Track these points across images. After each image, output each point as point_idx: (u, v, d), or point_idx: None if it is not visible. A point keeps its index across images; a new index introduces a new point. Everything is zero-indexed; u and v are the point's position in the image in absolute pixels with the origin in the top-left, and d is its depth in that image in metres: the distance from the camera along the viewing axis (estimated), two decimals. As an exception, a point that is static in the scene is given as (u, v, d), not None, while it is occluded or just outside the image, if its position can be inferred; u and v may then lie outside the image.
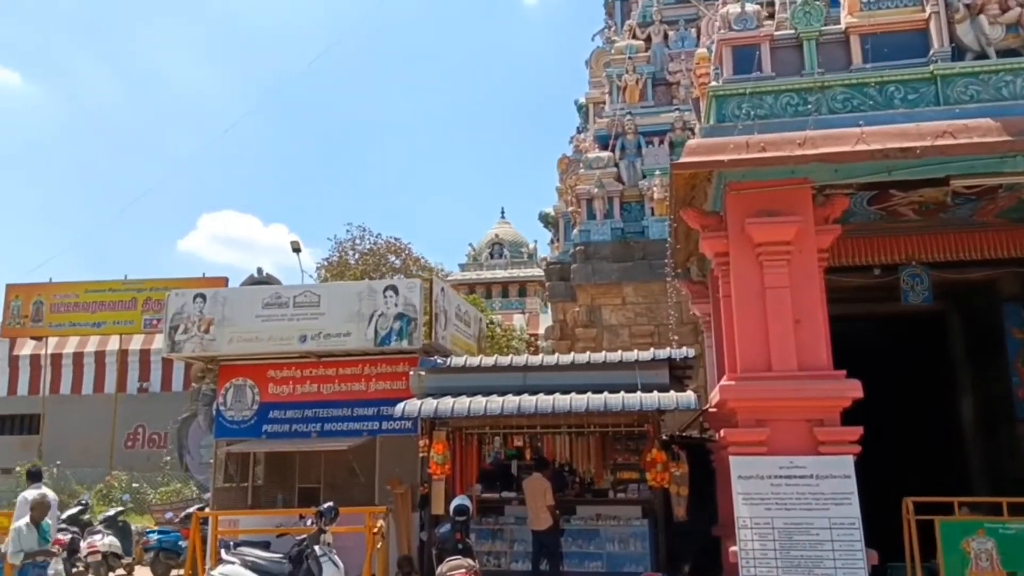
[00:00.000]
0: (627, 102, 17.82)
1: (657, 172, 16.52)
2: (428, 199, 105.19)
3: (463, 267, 34.03)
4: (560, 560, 10.16)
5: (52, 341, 24.72)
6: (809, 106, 8.15)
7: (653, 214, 16.36)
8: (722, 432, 8.25)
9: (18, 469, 20.36)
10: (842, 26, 8.43)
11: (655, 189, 16.31)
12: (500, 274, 33.32)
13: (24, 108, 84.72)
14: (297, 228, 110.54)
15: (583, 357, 11.25)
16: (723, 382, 8.37)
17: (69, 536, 13.95)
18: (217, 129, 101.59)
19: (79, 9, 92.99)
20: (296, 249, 23.80)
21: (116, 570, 13.64)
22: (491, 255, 34.22)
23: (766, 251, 8.03)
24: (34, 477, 10.53)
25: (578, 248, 16.42)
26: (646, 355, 10.69)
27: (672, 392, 9.82)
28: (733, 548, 7.75)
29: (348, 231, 26.71)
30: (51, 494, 10.12)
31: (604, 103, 18.84)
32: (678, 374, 11.06)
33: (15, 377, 25.56)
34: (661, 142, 17.23)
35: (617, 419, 10.36)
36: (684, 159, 8.07)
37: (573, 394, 10.11)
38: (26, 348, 25.47)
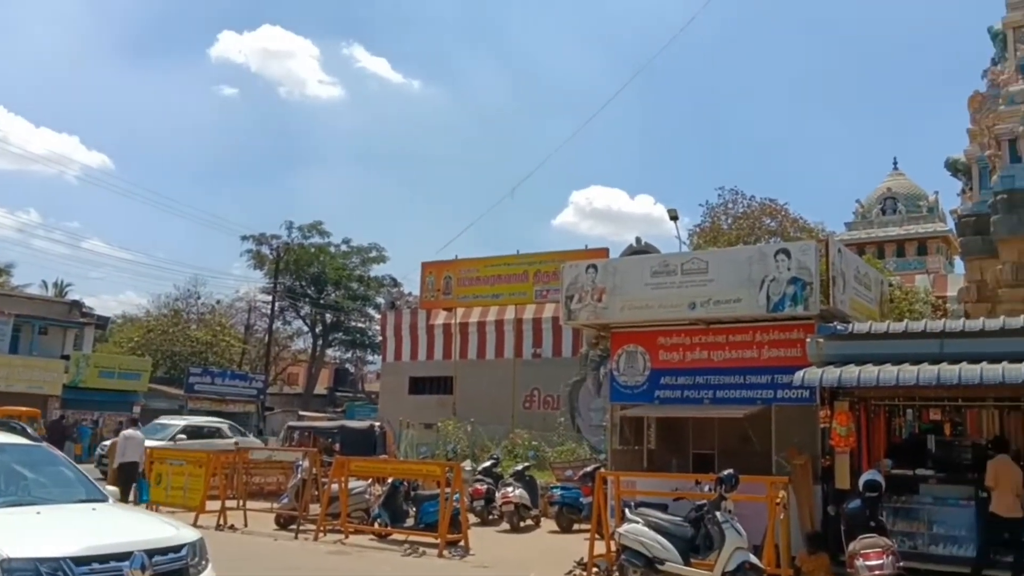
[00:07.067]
0: (1060, 20, 15.06)
1: (1105, 100, 13.77)
2: (805, 158, 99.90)
3: (849, 226, 31.58)
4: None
5: (460, 311, 27.76)
6: None
7: (1099, 151, 13.70)
8: None
9: (440, 424, 23.21)
10: None
11: (1102, 121, 13.60)
12: (894, 231, 30.34)
13: (424, 111, 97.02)
14: (663, 198, 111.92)
15: (1016, 321, 9.79)
16: None
17: (485, 487, 15.64)
18: (586, 111, 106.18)
19: (465, 18, 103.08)
20: (674, 217, 23.99)
21: (525, 520, 14.94)
22: (883, 211, 31.24)
23: None
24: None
25: (999, 196, 14.26)
26: (1103, 318, 9.01)
27: None
28: None
29: (720, 195, 26.09)
30: (139, 433, 14.45)
31: (1027, 26, 16.12)
32: None
33: (432, 344, 29.12)
34: (1110, 63, 14.33)
35: (1067, 392, 8.88)
36: None
37: (1005, 363, 8.89)
38: (439, 318, 28.90)
